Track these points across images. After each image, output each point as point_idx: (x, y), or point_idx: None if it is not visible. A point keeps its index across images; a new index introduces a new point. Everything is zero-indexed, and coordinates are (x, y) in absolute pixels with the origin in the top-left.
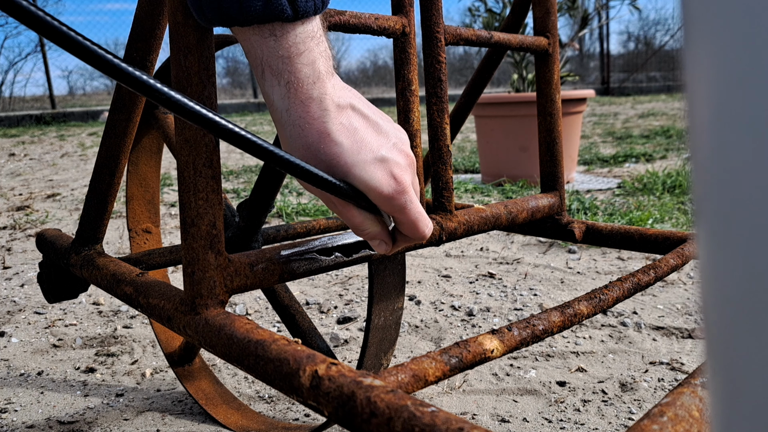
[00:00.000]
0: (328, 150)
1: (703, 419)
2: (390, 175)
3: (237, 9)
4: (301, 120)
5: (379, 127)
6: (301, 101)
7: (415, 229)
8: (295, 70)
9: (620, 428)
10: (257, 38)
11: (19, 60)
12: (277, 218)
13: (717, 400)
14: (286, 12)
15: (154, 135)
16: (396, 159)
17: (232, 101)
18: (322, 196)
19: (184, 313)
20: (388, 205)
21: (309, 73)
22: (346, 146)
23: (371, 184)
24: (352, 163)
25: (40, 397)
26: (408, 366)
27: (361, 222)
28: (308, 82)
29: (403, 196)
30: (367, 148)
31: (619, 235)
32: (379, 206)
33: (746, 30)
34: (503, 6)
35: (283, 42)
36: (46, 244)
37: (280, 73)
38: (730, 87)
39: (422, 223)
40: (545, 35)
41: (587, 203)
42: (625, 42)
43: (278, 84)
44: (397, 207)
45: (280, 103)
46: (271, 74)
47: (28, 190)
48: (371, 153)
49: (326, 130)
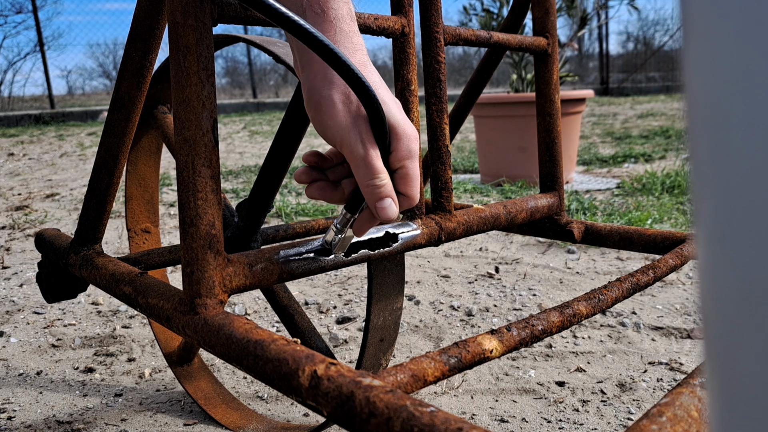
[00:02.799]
0: (369, 78)
1: (701, 419)
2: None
3: None
4: (346, 50)
5: None
6: (346, 33)
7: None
8: (338, 6)
9: (619, 428)
10: None
11: (18, 60)
12: (276, 218)
13: (716, 400)
14: None
15: (153, 135)
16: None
17: (231, 101)
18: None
19: (183, 313)
20: (406, 148)
21: (348, 10)
22: (378, 80)
23: (400, 120)
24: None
25: (39, 397)
26: (407, 366)
27: (382, 168)
28: (349, 18)
29: (416, 142)
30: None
31: (618, 236)
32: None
33: (745, 30)
34: (500, 5)
35: None
36: (45, 244)
37: (324, 10)
38: (729, 87)
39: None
40: (544, 35)
41: (586, 203)
42: (624, 42)
43: (323, 20)
44: (412, 151)
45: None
46: (313, 12)
47: (27, 190)
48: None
49: (365, 62)
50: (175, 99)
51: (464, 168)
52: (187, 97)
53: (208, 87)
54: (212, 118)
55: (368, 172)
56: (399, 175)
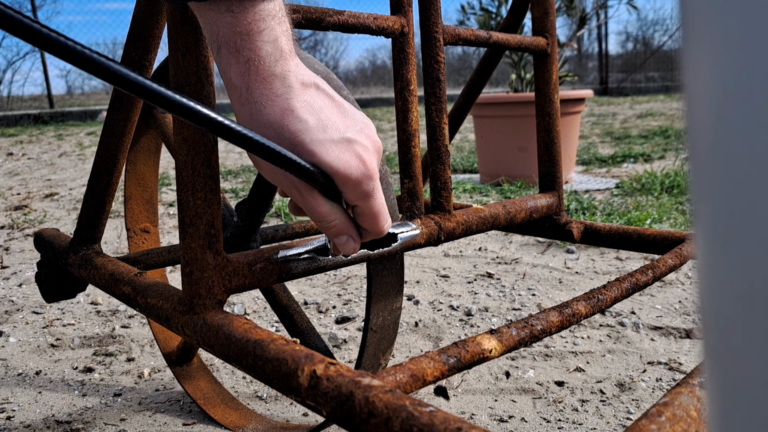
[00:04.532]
0: (292, 127)
1: (701, 419)
2: (358, 157)
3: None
4: (263, 97)
5: (344, 109)
6: (263, 78)
7: (375, 222)
8: (256, 47)
9: (618, 428)
10: (213, 14)
11: (17, 59)
12: (275, 218)
13: (715, 399)
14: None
15: (153, 134)
16: (363, 141)
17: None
18: (285, 186)
19: (183, 312)
20: (355, 190)
21: (270, 50)
22: (311, 123)
23: (338, 165)
24: (317, 141)
25: (38, 397)
26: (406, 366)
27: (327, 212)
28: (270, 60)
29: (370, 181)
30: (332, 128)
31: (618, 235)
32: (345, 192)
33: (745, 30)
34: (499, 4)
35: (241, 18)
36: (44, 244)
37: (238, 50)
38: (729, 87)
39: (384, 216)
40: (544, 35)
41: (585, 203)
42: (623, 42)
43: (237, 62)
44: (363, 193)
45: (238, 80)
46: (228, 52)
47: (26, 190)
48: (338, 132)
49: (290, 107)
50: None
51: (463, 168)
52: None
53: (207, 86)
54: None
55: (314, 218)
56: (356, 213)
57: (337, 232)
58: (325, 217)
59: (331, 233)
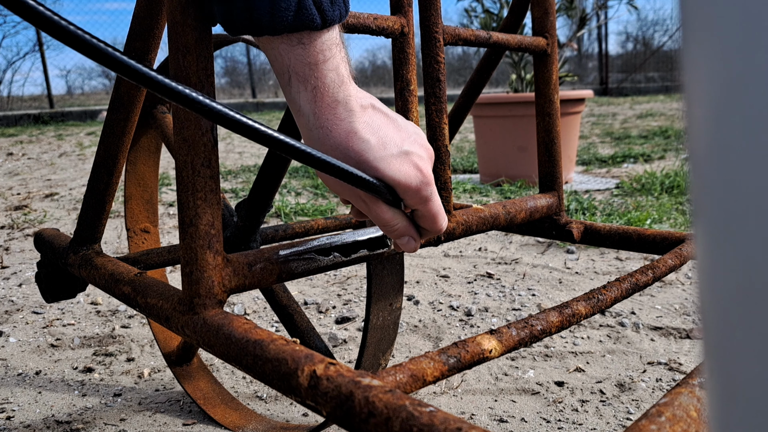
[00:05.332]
0: (356, 147)
1: (700, 419)
2: (415, 167)
3: (269, 19)
4: (328, 122)
5: (398, 123)
6: (328, 104)
7: (434, 222)
8: (322, 75)
9: (618, 428)
10: (285, 47)
11: (17, 59)
12: (275, 218)
13: (715, 400)
14: (315, 21)
15: (153, 134)
16: (418, 152)
17: (230, 101)
18: (351, 198)
19: (183, 312)
20: (415, 196)
21: (334, 77)
22: (373, 143)
23: (399, 177)
24: (380, 158)
25: (38, 397)
26: (406, 366)
27: (391, 218)
28: (334, 87)
29: (428, 187)
30: (391, 143)
31: (618, 236)
32: (405, 199)
33: (744, 30)
34: (500, 6)
35: (310, 50)
36: (44, 244)
37: (306, 79)
38: (729, 87)
39: (441, 216)
40: (544, 35)
41: (585, 203)
42: (623, 42)
43: (305, 89)
44: (423, 198)
45: (307, 107)
46: (297, 81)
47: (26, 190)
48: (396, 147)
49: (353, 129)
50: None
51: (463, 168)
52: None
53: (207, 86)
54: None
55: (378, 223)
56: (417, 216)
57: (400, 234)
58: (389, 222)
59: (394, 235)
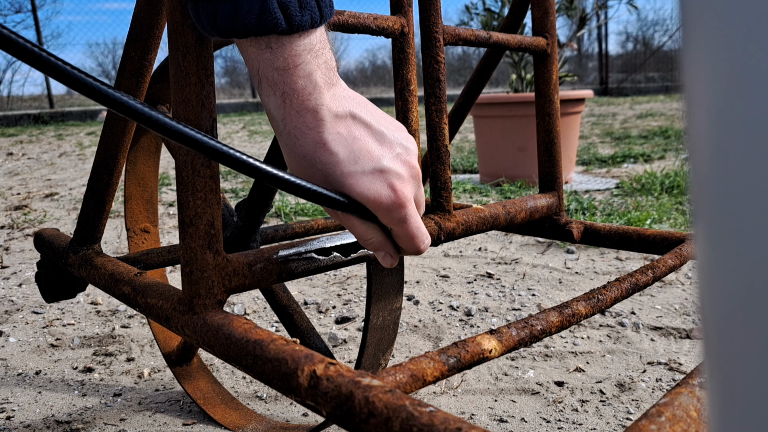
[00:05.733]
0: (323, 159)
1: (700, 419)
2: (389, 187)
3: (231, 22)
4: (296, 130)
5: (383, 136)
6: (296, 111)
7: (411, 244)
8: (291, 81)
9: (618, 428)
10: (254, 50)
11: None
12: (275, 218)
13: (714, 400)
14: (280, 25)
15: (153, 134)
16: (397, 170)
17: (230, 101)
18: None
19: (182, 312)
20: (387, 216)
21: (304, 84)
22: (342, 156)
23: (368, 195)
24: (348, 173)
25: (38, 397)
26: (406, 366)
27: (364, 232)
28: (304, 94)
29: (401, 209)
30: (366, 158)
31: (618, 236)
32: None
33: (745, 30)
34: (502, 5)
35: (278, 54)
36: (44, 244)
37: (275, 84)
38: (729, 87)
39: (419, 239)
40: (544, 35)
41: (585, 203)
42: (623, 42)
43: (274, 94)
44: (395, 219)
45: (276, 112)
46: (267, 85)
47: (26, 190)
48: (371, 163)
49: (321, 140)
50: (175, 99)
51: (463, 168)
52: (186, 96)
53: (207, 86)
54: (211, 118)
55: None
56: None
57: (375, 249)
58: (362, 236)
59: (369, 249)
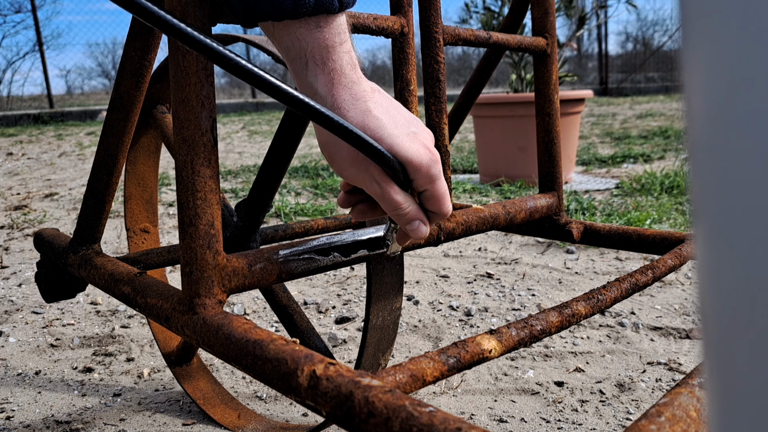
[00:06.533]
0: (372, 125)
1: (700, 419)
2: (424, 146)
3: (292, 3)
4: (345, 102)
5: (400, 107)
6: (345, 85)
7: (442, 203)
8: (338, 57)
9: (618, 428)
10: (304, 31)
11: (17, 59)
12: (275, 218)
13: (714, 400)
14: (334, 4)
15: (152, 134)
16: (423, 133)
17: (230, 101)
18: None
19: (182, 312)
20: (425, 175)
21: (349, 60)
22: (385, 121)
23: (411, 154)
24: (394, 135)
25: (38, 397)
26: (406, 366)
27: (402, 200)
28: (349, 68)
29: (437, 165)
30: (401, 122)
31: (617, 236)
32: (416, 179)
33: (744, 31)
34: (501, 4)
35: (327, 33)
36: (43, 244)
37: (324, 62)
38: (728, 88)
39: (448, 198)
40: (544, 36)
41: (585, 204)
42: (623, 42)
43: (323, 72)
44: (432, 177)
45: (324, 89)
46: (314, 64)
47: (25, 190)
48: (406, 126)
49: (368, 108)
50: (174, 99)
51: (463, 168)
52: (186, 96)
53: (207, 87)
54: (211, 118)
55: (389, 206)
56: (424, 197)
57: (410, 218)
58: (401, 205)
59: (404, 220)
